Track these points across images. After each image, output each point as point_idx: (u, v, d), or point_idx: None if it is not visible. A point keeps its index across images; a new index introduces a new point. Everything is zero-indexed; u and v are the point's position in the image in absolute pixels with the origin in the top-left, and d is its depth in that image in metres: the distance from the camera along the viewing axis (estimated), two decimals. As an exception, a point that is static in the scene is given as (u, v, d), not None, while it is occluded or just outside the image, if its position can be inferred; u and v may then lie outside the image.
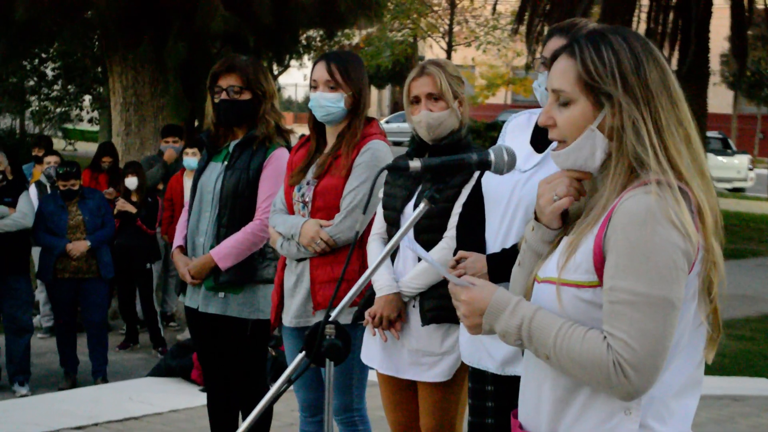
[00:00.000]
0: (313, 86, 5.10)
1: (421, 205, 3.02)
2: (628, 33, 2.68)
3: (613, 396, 2.52)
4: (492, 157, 3.07)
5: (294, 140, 5.60)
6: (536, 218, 2.80)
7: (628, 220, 2.49)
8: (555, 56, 2.72)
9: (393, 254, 4.78)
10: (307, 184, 5.12)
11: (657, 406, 2.57)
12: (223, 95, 5.45)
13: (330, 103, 5.02)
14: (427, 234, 4.63)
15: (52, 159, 11.59)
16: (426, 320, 4.63)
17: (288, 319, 5.18)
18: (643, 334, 2.46)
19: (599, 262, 2.55)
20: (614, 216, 2.53)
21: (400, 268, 4.75)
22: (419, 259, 4.67)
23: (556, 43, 4.07)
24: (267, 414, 5.54)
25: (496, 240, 4.17)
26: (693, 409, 2.69)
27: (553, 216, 2.73)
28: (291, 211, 5.19)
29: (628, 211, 2.50)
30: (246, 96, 5.45)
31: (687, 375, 2.63)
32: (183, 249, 5.64)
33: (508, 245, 4.10)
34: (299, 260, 5.11)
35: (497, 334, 2.66)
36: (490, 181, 4.23)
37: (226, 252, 5.39)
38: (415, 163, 3.01)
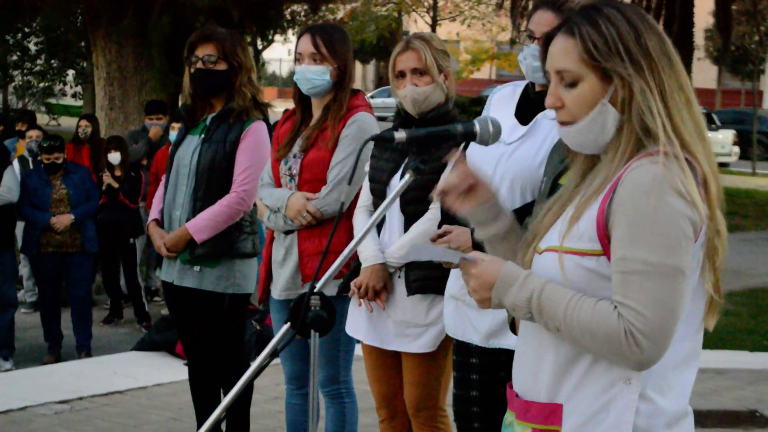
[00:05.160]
0: (298, 59, 5.09)
1: (407, 176, 3.02)
2: (620, 4, 2.67)
3: (625, 366, 2.53)
4: (477, 128, 3.07)
5: (272, 114, 5.58)
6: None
7: (636, 190, 2.50)
8: (549, 37, 2.70)
9: (379, 225, 4.79)
10: (294, 157, 5.12)
11: (656, 377, 2.58)
12: (199, 65, 5.42)
13: (315, 76, 5.01)
14: (414, 205, 4.63)
15: (33, 133, 11.54)
16: (411, 291, 4.64)
17: (277, 292, 5.18)
18: (655, 302, 2.47)
19: (602, 231, 2.55)
20: (620, 186, 2.53)
21: (386, 239, 4.76)
22: (405, 230, 4.68)
23: (542, 16, 4.07)
24: (247, 388, 5.54)
25: (481, 213, 4.16)
26: (691, 382, 2.70)
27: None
28: (278, 184, 5.19)
29: (635, 181, 2.51)
30: (221, 66, 5.42)
31: (686, 347, 2.64)
32: (159, 222, 5.61)
33: (492, 218, 4.10)
34: (287, 233, 5.11)
35: (507, 307, 2.66)
36: (474, 153, 4.21)
37: (202, 225, 5.36)
38: (401, 134, 3.01)
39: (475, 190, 2.86)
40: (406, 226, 4.69)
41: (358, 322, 4.86)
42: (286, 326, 3.03)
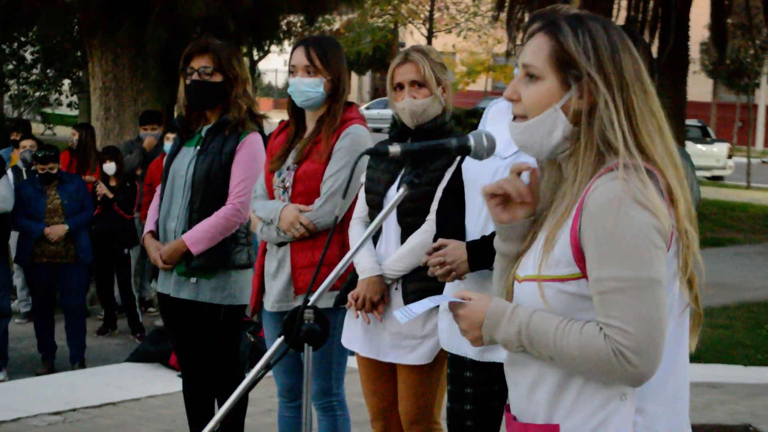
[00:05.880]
0: (292, 71, 5.09)
1: (401, 190, 3.01)
2: (606, 22, 2.69)
3: (622, 384, 2.53)
4: (472, 142, 3.06)
5: (268, 125, 5.58)
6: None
7: (600, 210, 2.50)
8: (531, 34, 2.72)
9: (375, 237, 4.78)
10: (288, 169, 5.12)
11: (652, 389, 2.57)
12: (195, 76, 5.41)
13: (309, 88, 5.01)
14: (412, 217, 4.63)
15: (28, 143, 11.56)
16: (408, 302, 4.62)
17: (269, 303, 5.18)
18: (638, 317, 2.47)
19: (578, 253, 2.55)
20: (585, 207, 2.54)
21: (382, 250, 4.75)
22: (402, 242, 4.68)
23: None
24: (242, 400, 5.54)
25: (476, 226, 4.16)
26: (687, 392, 2.70)
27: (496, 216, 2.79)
28: (272, 196, 5.19)
29: (598, 201, 2.51)
30: (217, 78, 5.41)
31: (680, 358, 2.64)
32: (154, 234, 5.60)
33: (488, 232, 4.09)
34: (280, 245, 5.11)
35: (499, 344, 2.66)
36: (470, 167, 4.22)
37: (198, 236, 5.35)
38: (395, 148, 3.01)
39: (525, 204, 2.82)
40: (403, 238, 4.69)
41: (354, 333, 4.85)
42: (279, 340, 3.03)
